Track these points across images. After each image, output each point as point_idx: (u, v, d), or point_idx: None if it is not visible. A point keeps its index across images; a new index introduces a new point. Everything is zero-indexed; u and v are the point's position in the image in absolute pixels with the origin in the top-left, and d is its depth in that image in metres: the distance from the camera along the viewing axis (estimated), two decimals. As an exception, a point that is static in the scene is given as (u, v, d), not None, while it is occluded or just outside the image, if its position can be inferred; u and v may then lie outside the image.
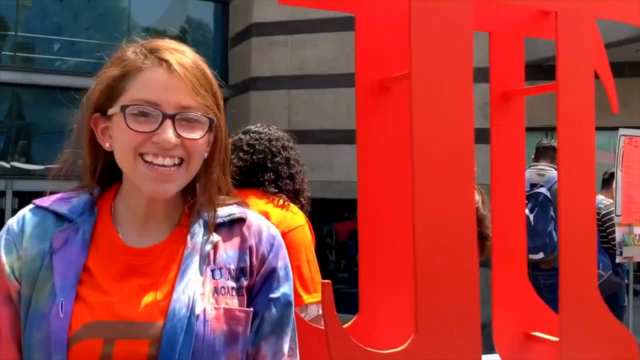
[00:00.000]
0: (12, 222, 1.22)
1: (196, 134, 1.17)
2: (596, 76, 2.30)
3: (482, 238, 2.49)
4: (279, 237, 1.30)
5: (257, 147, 2.53)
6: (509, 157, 2.51)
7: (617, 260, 6.10)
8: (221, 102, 1.24)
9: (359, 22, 2.15)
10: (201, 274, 1.18)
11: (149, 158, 1.15)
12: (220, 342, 1.15)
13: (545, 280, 4.99)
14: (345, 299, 2.52)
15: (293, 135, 2.72)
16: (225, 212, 1.25)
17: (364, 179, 2.05)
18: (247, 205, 1.31)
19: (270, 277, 1.25)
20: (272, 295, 1.24)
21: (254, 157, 2.51)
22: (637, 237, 6.10)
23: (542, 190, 5.10)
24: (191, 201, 1.24)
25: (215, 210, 1.24)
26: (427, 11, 1.90)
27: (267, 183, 2.48)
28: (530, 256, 4.73)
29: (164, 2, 13.16)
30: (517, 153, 2.54)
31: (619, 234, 6.01)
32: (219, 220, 1.24)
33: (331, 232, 12.38)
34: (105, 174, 1.28)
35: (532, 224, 4.87)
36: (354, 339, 1.62)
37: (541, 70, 8.07)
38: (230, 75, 12.25)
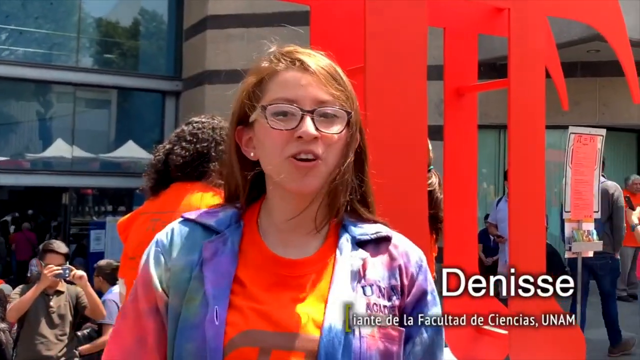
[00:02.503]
0: (161, 235, 1.21)
1: (334, 129, 1.17)
2: (548, 75, 2.34)
3: (438, 221, 2.51)
4: (425, 259, 1.28)
5: (200, 135, 2.42)
6: (461, 151, 2.54)
7: (566, 255, 6.25)
8: (357, 103, 1.23)
9: (314, 15, 2.14)
10: (353, 289, 1.16)
11: (292, 157, 1.15)
12: None
13: (597, 261, 6.55)
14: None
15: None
16: (372, 229, 1.24)
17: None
18: (391, 226, 1.29)
19: (422, 300, 1.23)
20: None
21: (197, 146, 2.39)
22: (586, 233, 6.25)
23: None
24: (336, 214, 1.22)
25: (359, 221, 1.24)
26: (382, 5, 1.90)
27: (212, 174, 2.35)
28: None
29: (117, -8, 12.94)
30: (470, 147, 2.57)
31: (568, 229, 6.15)
32: (366, 237, 1.22)
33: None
34: (251, 191, 1.26)
35: None
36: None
37: (495, 68, 8.21)
38: (185, 68, 12.09)
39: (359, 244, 1.21)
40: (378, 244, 1.23)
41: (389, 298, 1.19)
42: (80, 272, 4.56)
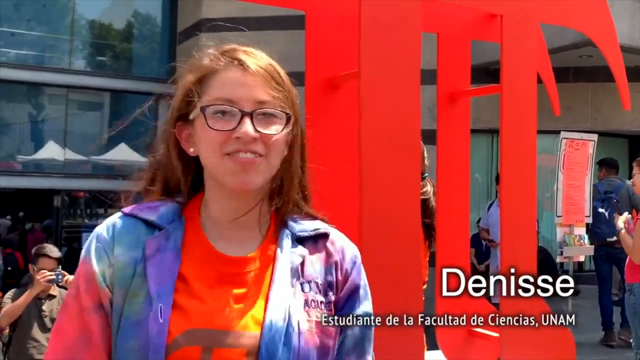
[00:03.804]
0: (100, 229, 1.20)
1: (273, 129, 1.18)
2: (540, 80, 2.36)
3: (433, 229, 2.52)
4: (359, 255, 1.31)
5: None
6: (454, 156, 2.56)
7: (558, 259, 6.29)
8: (296, 101, 1.25)
9: (310, 20, 2.15)
10: (292, 286, 1.19)
11: (232, 154, 1.16)
12: (313, 356, 1.17)
13: (619, 255, 6.88)
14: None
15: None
16: (311, 226, 1.27)
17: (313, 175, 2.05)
18: (328, 221, 1.32)
19: (354, 295, 1.27)
20: (355, 313, 1.26)
21: None
22: (578, 238, 6.30)
23: (613, 195, 7.26)
24: (277, 209, 1.25)
25: (300, 220, 1.27)
26: (377, 11, 1.92)
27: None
28: (608, 239, 6.95)
29: (110, -6, 12.91)
30: (462, 152, 2.59)
31: (560, 234, 6.19)
32: (305, 233, 1.26)
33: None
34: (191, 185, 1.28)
35: (608, 218, 6.98)
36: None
37: (488, 73, 8.23)
38: (178, 71, 12.08)
39: (298, 240, 1.24)
40: (316, 241, 1.26)
41: (325, 294, 1.23)
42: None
